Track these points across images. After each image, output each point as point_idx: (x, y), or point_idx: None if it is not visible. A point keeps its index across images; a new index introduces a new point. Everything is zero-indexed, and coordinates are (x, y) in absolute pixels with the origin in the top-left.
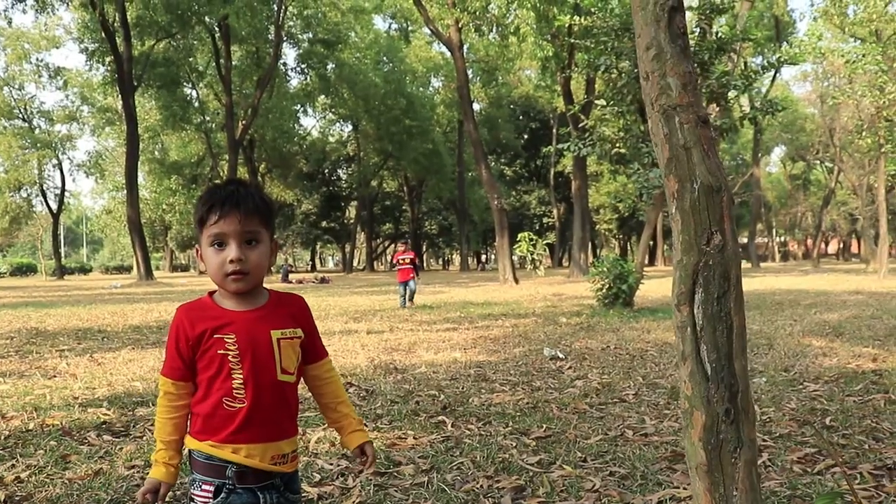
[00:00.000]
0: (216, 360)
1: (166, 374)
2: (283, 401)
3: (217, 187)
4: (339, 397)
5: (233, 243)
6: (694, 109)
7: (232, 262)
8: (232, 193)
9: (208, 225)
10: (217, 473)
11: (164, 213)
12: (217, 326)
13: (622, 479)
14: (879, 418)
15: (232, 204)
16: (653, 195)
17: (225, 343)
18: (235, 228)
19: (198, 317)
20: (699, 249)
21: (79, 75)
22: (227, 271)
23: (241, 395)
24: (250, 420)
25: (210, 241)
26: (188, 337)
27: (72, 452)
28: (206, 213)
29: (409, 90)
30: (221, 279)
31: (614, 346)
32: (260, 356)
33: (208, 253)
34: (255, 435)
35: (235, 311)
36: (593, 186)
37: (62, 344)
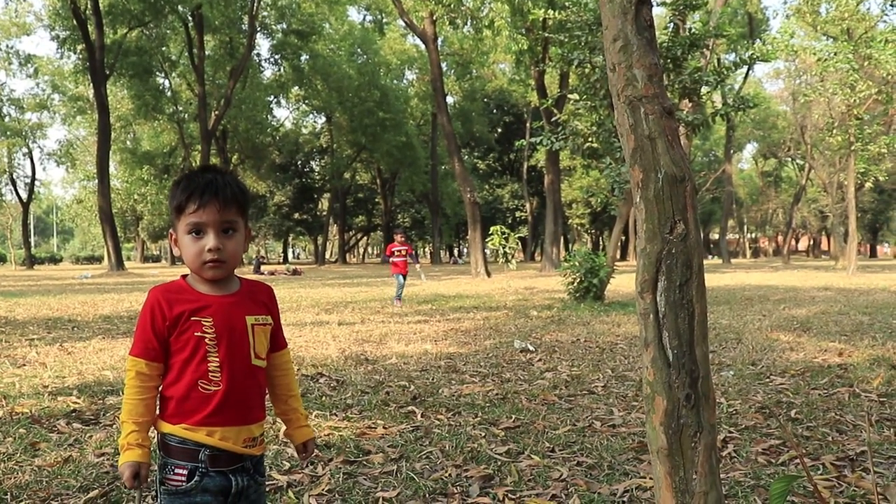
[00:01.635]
0: (192, 342)
1: (138, 354)
2: (256, 385)
3: (195, 174)
4: (291, 390)
5: (211, 232)
6: (659, 100)
7: (210, 250)
8: (211, 182)
9: (187, 213)
10: (190, 457)
11: (135, 203)
12: (194, 309)
13: (589, 469)
14: (843, 411)
15: (211, 193)
16: (624, 190)
17: (202, 326)
18: (214, 218)
19: (174, 298)
20: (662, 238)
21: (50, 63)
22: (204, 259)
23: (217, 378)
24: (225, 403)
25: (188, 229)
26: (165, 317)
27: (41, 440)
28: (184, 201)
29: (382, 82)
30: (199, 266)
31: (584, 339)
32: (236, 340)
33: (185, 241)
34: (229, 418)
35: (211, 294)
36: (566, 181)
37: (31, 333)
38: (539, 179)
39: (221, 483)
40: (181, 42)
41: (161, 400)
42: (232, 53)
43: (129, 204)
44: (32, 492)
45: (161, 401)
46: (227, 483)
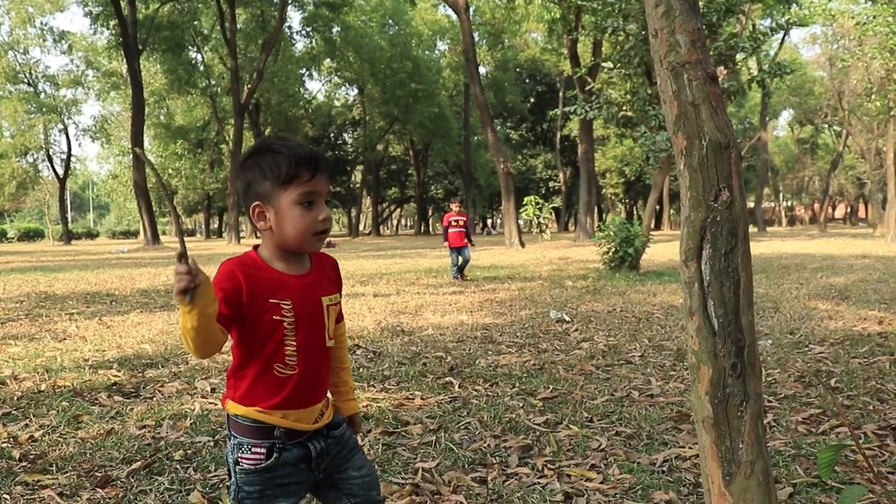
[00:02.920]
0: (269, 325)
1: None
2: (326, 365)
3: (291, 144)
4: (344, 362)
5: (322, 202)
6: (702, 66)
7: (324, 220)
8: (314, 153)
9: (299, 182)
10: (266, 435)
11: (170, 177)
12: (274, 290)
13: (628, 439)
14: (884, 380)
15: (322, 163)
16: (660, 158)
17: (282, 309)
18: (325, 188)
19: (254, 277)
20: (707, 206)
21: (83, 39)
22: (317, 230)
23: (293, 363)
24: (300, 386)
25: (300, 199)
26: (240, 292)
27: (83, 413)
28: (294, 171)
29: (414, 53)
30: (307, 238)
31: (620, 308)
32: (313, 323)
33: (295, 211)
34: (304, 400)
35: (289, 274)
36: (599, 150)
37: (71, 307)
38: (572, 149)
39: (300, 453)
40: (213, 16)
41: (232, 379)
42: (263, 27)
43: (164, 178)
44: (77, 463)
45: (232, 380)
46: (307, 451)
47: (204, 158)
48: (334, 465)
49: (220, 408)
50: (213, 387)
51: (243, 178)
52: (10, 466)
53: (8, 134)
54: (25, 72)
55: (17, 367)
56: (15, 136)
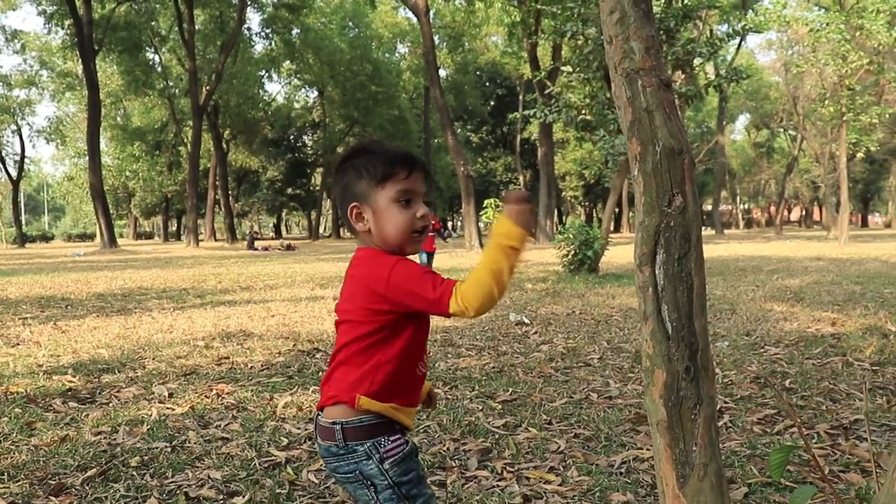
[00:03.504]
0: (425, 321)
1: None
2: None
3: (386, 145)
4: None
5: (420, 201)
6: (656, 73)
7: (422, 217)
8: (410, 154)
9: (397, 180)
10: (392, 428)
11: (127, 179)
12: None
13: (586, 441)
14: (837, 380)
15: (418, 162)
16: (618, 162)
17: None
18: (422, 187)
19: None
20: (661, 211)
21: (37, 39)
22: (416, 227)
23: (425, 360)
24: (422, 384)
25: (398, 196)
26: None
27: (37, 419)
28: (392, 169)
29: (374, 56)
30: (406, 237)
31: (579, 311)
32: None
33: (393, 210)
34: (419, 399)
35: None
36: (559, 153)
37: (25, 312)
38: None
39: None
40: (170, 16)
41: (374, 374)
42: (222, 28)
43: (121, 180)
44: (30, 471)
45: (374, 374)
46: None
47: (162, 160)
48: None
49: (178, 412)
50: (170, 391)
51: (339, 182)
52: None
53: None
54: None
55: None
56: None
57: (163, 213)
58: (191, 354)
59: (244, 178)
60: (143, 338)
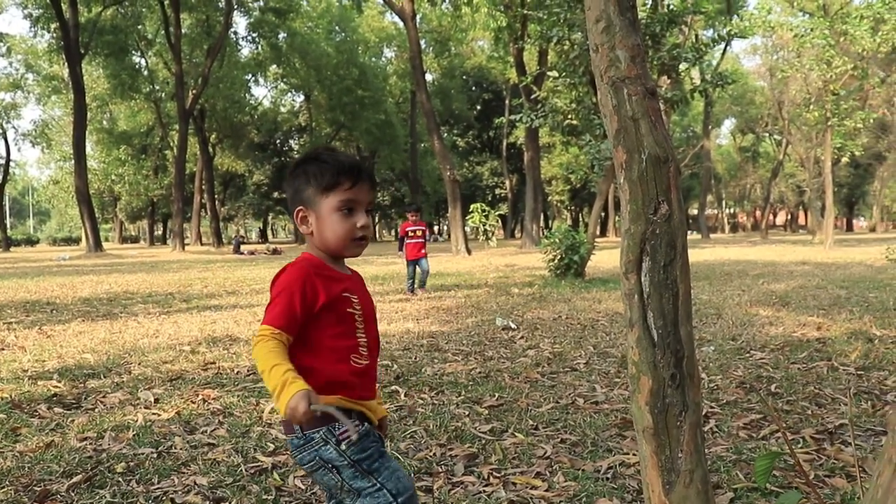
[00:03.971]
0: (345, 317)
1: (282, 326)
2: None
3: (338, 154)
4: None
5: (362, 210)
6: (642, 81)
7: (362, 227)
8: (358, 164)
9: (340, 190)
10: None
11: (112, 183)
12: (343, 285)
13: (573, 446)
14: (822, 385)
15: (365, 173)
16: (604, 167)
17: (352, 302)
18: (365, 197)
19: (325, 275)
20: (647, 219)
21: (23, 42)
22: (355, 236)
23: (366, 353)
24: (369, 377)
25: (340, 206)
26: (318, 292)
27: (22, 425)
28: (336, 179)
29: (361, 60)
30: (345, 244)
31: (566, 316)
32: (373, 318)
33: (334, 218)
34: (371, 392)
35: (345, 274)
36: (545, 158)
37: (9, 316)
38: (518, 156)
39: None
40: (157, 20)
41: (308, 374)
42: (209, 32)
43: (107, 184)
44: (15, 478)
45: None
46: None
47: (148, 164)
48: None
49: (164, 418)
50: (156, 397)
51: (291, 185)
52: None
53: None
54: None
55: None
56: None
57: (149, 217)
58: (177, 359)
59: (230, 182)
60: (128, 343)
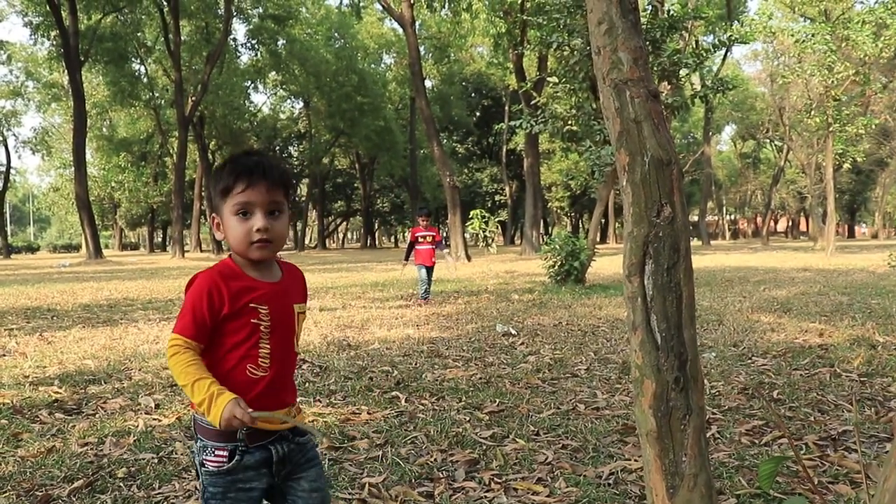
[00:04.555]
0: (247, 328)
1: (191, 335)
2: (292, 370)
3: (241, 157)
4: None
5: (259, 212)
6: (644, 84)
7: (259, 230)
8: (258, 164)
9: (234, 193)
10: (228, 437)
11: (112, 190)
12: (253, 296)
13: (574, 452)
14: (825, 391)
15: (259, 174)
16: (605, 172)
17: (259, 313)
18: (262, 198)
19: (232, 282)
20: (649, 221)
21: (23, 50)
22: (252, 240)
23: (266, 365)
24: (270, 388)
25: (235, 210)
26: (223, 300)
27: (23, 430)
28: (231, 182)
29: (360, 67)
30: (245, 247)
31: (566, 322)
32: (286, 329)
33: (232, 222)
34: (272, 402)
35: (263, 281)
36: (545, 164)
37: (10, 323)
38: (518, 163)
39: (262, 456)
40: (156, 27)
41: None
42: (208, 39)
43: (107, 191)
44: (16, 483)
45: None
46: (268, 454)
47: (147, 171)
48: (290, 471)
49: (164, 423)
50: (157, 402)
51: (209, 192)
52: None
53: None
54: None
55: None
56: None
57: (148, 224)
58: None
59: None
60: (129, 349)
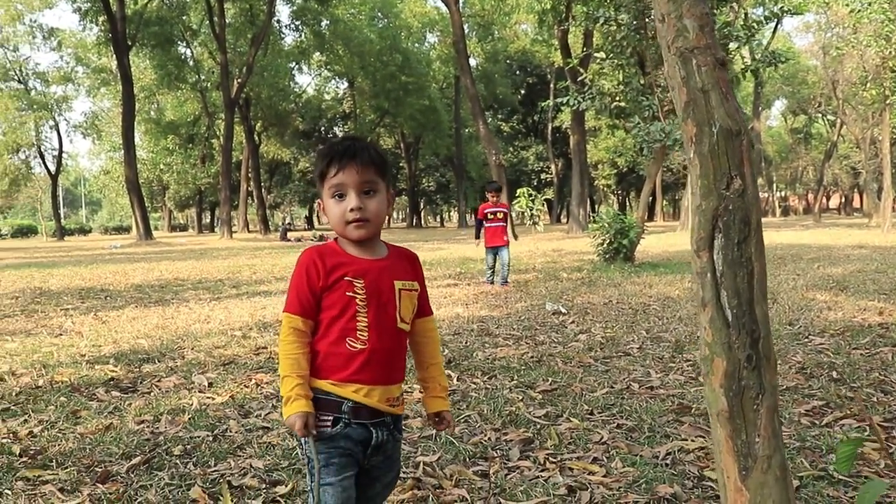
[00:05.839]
0: (342, 301)
1: (296, 311)
2: (399, 348)
3: (334, 143)
4: (434, 358)
5: (352, 193)
6: (711, 51)
7: (352, 210)
8: (349, 147)
9: (329, 177)
10: (334, 408)
11: (161, 172)
12: (348, 270)
13: (629, 432)
14: (887, 371)
15: (349, 156)
16: (653, 149)
17: (354, 286)
18: (354, 179)
19: (330, 259)
20: (719, 194)
21: (73, 36)
22: (348, 219)
23: (364, 337)
24: (370, 362)
25: (331, 193)
26: (320, 275)
27: (82, 408)
28: (325, 167)
29: (404, 46)
30: (343, 228)
31: (616, 300)
32: (384, 303)
33: (330, 204)
34: (373, 376)
35: (363, 258)
36: (591, 141)
37: (66, 303)
38: (564, 141)
39: (363, 434)
40: (202, 11)
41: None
42: (252, 21)
43: (156, 174)
44: (77, 459)
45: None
46: (368, 435)
47: (195, 153)
48: (376, 463)
49: (218, 402)
50: (210, 381)
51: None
52: (10, 462)
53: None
54: (16, 69)
55: (15, 363)
56: (6, 133)
57: (196, 206)
58: (229, 344)
59: (276, 169)
60: (181, 328)
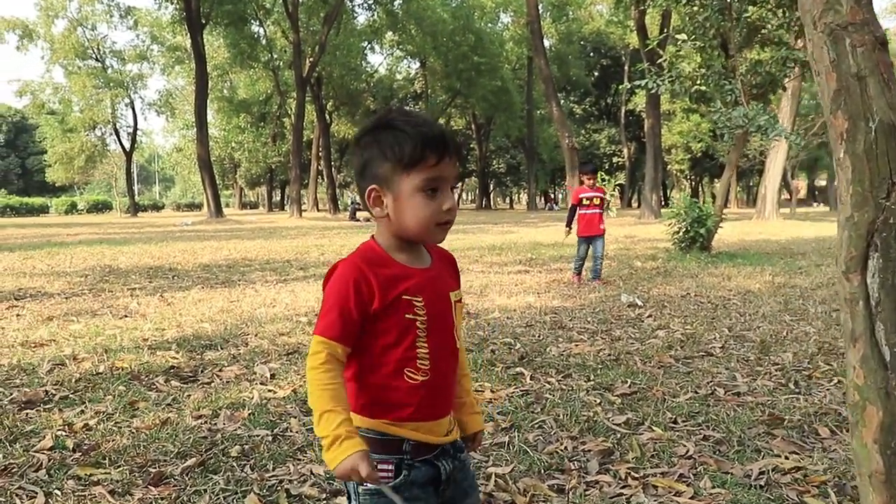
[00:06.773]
0: (401, 324)
1: (336, 337)
2: (455, 370)
3: (416, 119)
4: (464, 368)
5: (448, 189)
6: (869, 28)
7: (449, 210)
8: (443, 133)
9: (424, 167)
10: (394, 449)
11: (233, 150)
12: (406, 285)
13: (717, 445)
14: None
15: (452, 146)
16: (735, 135)
17: (414, 307)
18: (452, 173)
19: (383, 274)
20: (876, 204)
21: (148, 14)
22: (441, 220)
23: (426, 367)
24: (432, 394)
25: (422, 186)
26: (373, 295)
27: (140, 399)
28: (419, 154)
29: (477, 26)
30: (429, 229)
31: (694, 293)
32: (444, 322)
33: (417, 199)
34: (435, 411)
35: (414, 267)
36: (665, 125)
37: (133, 282)
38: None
39: (429, 473)
40: None
41: (353, 389)
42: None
43: (227, 151)
44: (130, 457)
45: (353, 390)
46: (436, 471)
47: (266, 132)
48: (452, 496)
49: (280, 396)
50: (272, 372)
51: (360, 157)
52: (63, 458)
53: (77, 108)
54: (93, 48)
55: (77, 347)
56: (83, 110)
57: (267, 184)
58: (293, 332)
59: (347, 149)
60: (245, 312)
